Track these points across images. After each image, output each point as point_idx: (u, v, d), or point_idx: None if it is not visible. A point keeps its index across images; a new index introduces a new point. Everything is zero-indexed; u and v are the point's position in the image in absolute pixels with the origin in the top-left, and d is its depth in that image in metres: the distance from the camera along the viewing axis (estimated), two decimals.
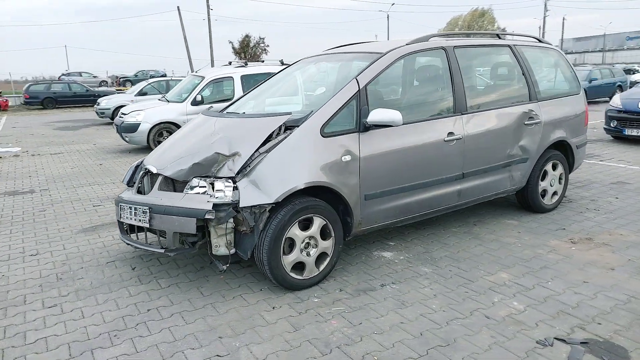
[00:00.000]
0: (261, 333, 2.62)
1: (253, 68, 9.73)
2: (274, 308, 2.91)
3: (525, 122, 4.18)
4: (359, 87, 3.26)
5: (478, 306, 2.87)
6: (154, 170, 3.25)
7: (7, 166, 8.22)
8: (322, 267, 3.19)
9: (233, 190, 2.93)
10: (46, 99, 22.83)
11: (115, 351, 2.49)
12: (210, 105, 8.40)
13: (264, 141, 3.06)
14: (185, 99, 9.10)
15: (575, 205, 4.89)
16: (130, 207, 3.18)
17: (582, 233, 4.05)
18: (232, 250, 3.03)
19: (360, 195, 3.25)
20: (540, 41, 4.75)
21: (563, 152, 4.69)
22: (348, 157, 3.15)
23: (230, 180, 2.96)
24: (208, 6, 31.82)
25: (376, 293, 3.08)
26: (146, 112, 9.05)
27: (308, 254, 3.10)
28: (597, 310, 2.78)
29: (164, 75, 39.73)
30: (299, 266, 3.11)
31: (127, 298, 3.09)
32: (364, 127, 3.23)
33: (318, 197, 3.13)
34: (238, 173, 2.96)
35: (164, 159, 3.34)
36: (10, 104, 23.74)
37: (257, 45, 49.63)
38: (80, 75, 32.96)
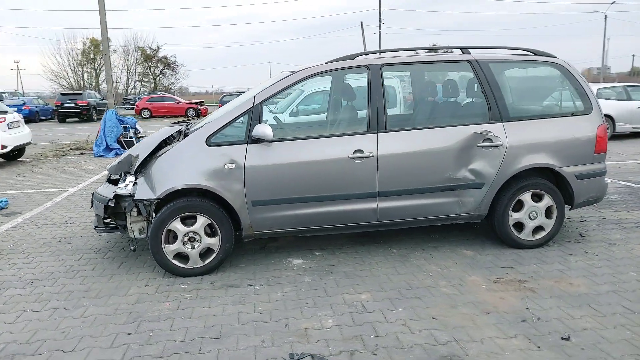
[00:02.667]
0: (105, 299, 3.26)
1: None
2: (147, 285, 3.51)
3: (479, 144, 3.83)
4: (253, 104, 3.62)
5: (291, 315, 2.98)
6: (107, 167, 4.17)
7: None
8: (207, 261, 3.65)
9: (134, 185, 3.64)
10: None
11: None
12: None
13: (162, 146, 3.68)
14: None
15: (579, 245, 4.15)
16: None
17: (523, 275, 3.54)
18: (144, 235, 3.73)
19: (246, 200, 3.59)
20: (536, 54, 4.18)
21: (556, 182, 4.05)
22: (232, 165, 3.54)
23: (134, 177, 3.68)
24: (380, 20, 33.08)
25: (235, 289, 3.40)
26: None
27: (192, 247, 3.60)
28: (396, 344, 2.62)
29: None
30: (185, 256, 3.62)
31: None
32: (252, 140, 3.57)
33: (207, 199, 3.60)
34: (137, 172, 3.65)
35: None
36: (209, 111, 28.98)
37: None
38: None
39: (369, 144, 3.70)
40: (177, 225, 3.56)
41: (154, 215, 3.56)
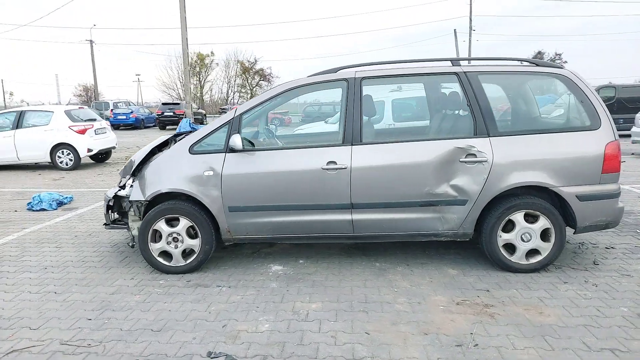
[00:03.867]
0: (91, 287, 3.65)
1: None
2: (132, 278, 3.87)
3: (462, 159, 3.67)
4: (233, 116, 3.85)
5: (235, 316, 3.12)
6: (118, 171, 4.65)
7: None
8: (188, 261, 3.93)
9: (130, 187, 4.05)
10: None
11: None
12: None
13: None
14: None
15: (583, 274, 3.79)
16: None
17: (495, 300, 3.33)
18: None
19: (223, 206, 3.82)
20: (538, 65, 3.90)
21: (556, 203, 3.75)
22: (210, 173, 3.79)
23: (132, 180, 4.09)
24: (470, 27, 31.85)
25: (203, 289, 3.63)
26: None
27: (176, 247, 3.91)
28: (311, 354, 2.65)
29: None
30: (170, 255, 3.94)
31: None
32: (229, 149, 3.79)
33: (190, 203, 3.88)
34: (134, 175, 4.05)
35: None
36: (292, 121, 30.07)
37: (552, 61, 46.22)
38: None
39: (343, 155, 3.73)
40: (162, 225, 3.88)
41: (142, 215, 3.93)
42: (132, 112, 28.63)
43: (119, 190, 4.15)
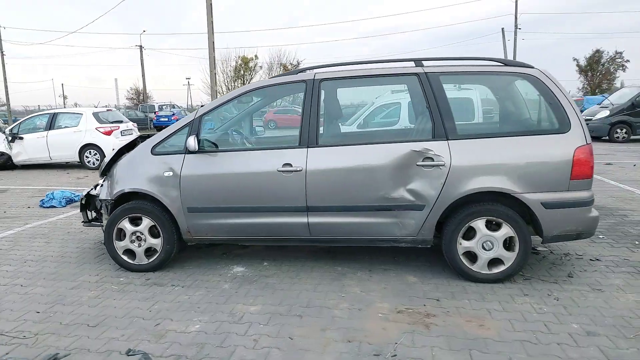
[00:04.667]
0: (55, 282, 3.81)
1: None
2: (97, 275, 4.01)
3: (419, 163, 3.56)
4: (194, 117, 3.91)
5: (172, 316, 3.17)
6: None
7: None
8: (151, 260, 4.02)
9: (101, 186, 4.21)
10: None
11: None
12: None
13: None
14: None
15: (550, 286, 3.57)
16: None
17: (440, 309, 3.20)
18: None
19: (182, 207, 3.88)
20: (506, 64, 3.70)
21: (522, 210, 3.55)
22: (170, 173, 3.87)
23: (102, 179, 4.24)
24: (516, 25, 30.72)
25: (157, 287, 3.70)
26: None
27: (139, 245, 4.02)
28: (225, 356, 2.64)
29: None
30: (134, 253, 4.05)
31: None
32: (188, 150, 3.85)
33: (153, 203, 3.98)
34: (104, 175, 4.19)
35: None
36: None
37: (612, 60, 43.87)
38: None
39: (299, 158, 3.70)
40: (126, 224, 4.00)
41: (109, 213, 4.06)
42: (173, 114, 29.67)
43: (92, 189, 4.31)
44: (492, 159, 3.48)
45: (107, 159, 4.23)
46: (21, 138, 11.31)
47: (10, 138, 11.32)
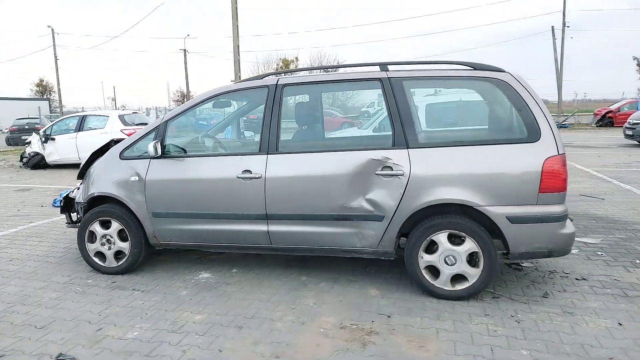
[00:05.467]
0: (28, 281, 3.93)
1: None
2: (69, 276, 4.11)
3: (378, 172, 3.42)
4: (160, 122, 3.94)
5: (116, 321, 3.19)
6: None
7: None
8: (120, 263, 4.09)
9: (77, 189, 4.32)
10: None
11: None
12: None
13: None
14: None
15: (516, 307, 3.34)
16: None
17: (386, 327, 3.05)
18: None
19: (147, 211, 3.92)
20: (475, 68, 3.49)
21: (488, 224, 3.34)
22: (136, 178, 3.91)
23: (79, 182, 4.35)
24: (564, 23, 29.33)
25: (119, 291, 3.75)
26: None
27: (109, 248, 4.09)
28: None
29: None
30: (105, 255, 4.13)
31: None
32: (151, 156, 3.88)
33: (121, 207, 4.03)
34: (81, 177, 4.30)
35: None
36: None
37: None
38: None
39: (258, 165, 3.64)
40: (96, 227, 4.08)
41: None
42: (212, 117, 30.40)
43: (72, 191, 4.44)
44: (454, 169, 3.29)
45: (83, 162, 4.34)
46: (53, 139, 11.89)
47: (43, 139, 11.92)
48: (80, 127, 11.81)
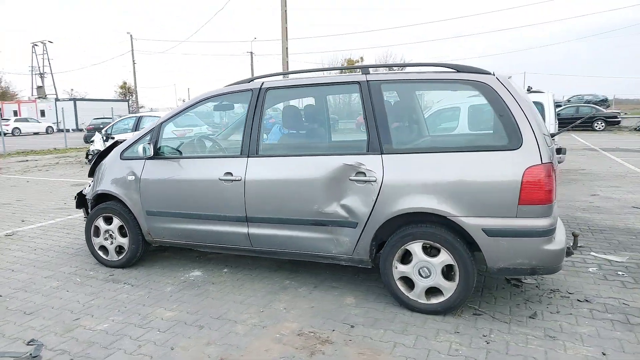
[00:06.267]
0: (31, 270, 4.27)
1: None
2: (76, 267, 4.41)
3: (352, 178, 3.35)
4: (155, 125, 4.11)
5: (94, 312, 3.37)
6: None
7: None
8: (120, 257, 4.32)
9: (89, 186, 4.62)
10: None
11: None
12: None
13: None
14: None
15: (493, 326, 3.14)
16: None
17: (345, 336, 2.97)
18: None
19: (142, 209, 4.11)
20: (459, 71, 3.29)
21: (465, 236, 3.16)
22: (132, 177, 4.12)
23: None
24: None
25: (111, 284, 3.96)
26: None
27: (111, 243, 4.34)
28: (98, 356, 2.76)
29: (604, 101, 35.82)
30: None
31: None
32: (147, 157, 4.06)
33: (122, 204, 4.26)
34: (90, 175, 4.59)
35: None
36: None
37: None
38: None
39: (239, 167, 3.69)
40: (100, 223, 4.34)
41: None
42: (271, 117, 31.11)
43: (85, 188, 4.75)
44: (427, 177, 3.13)
45: (93, 161, 4.63)
46: (113, 138, 12.75)
47: (105, 138, 12.84)
48: (136, 127, 12.58)
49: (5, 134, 22.36)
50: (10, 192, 8.89)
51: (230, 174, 3.70)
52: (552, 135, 3.88)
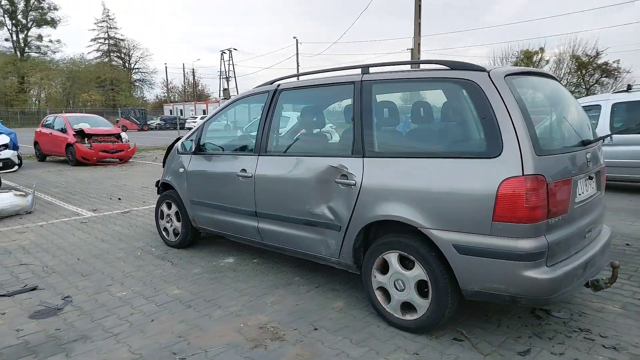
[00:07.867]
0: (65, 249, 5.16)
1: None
2: (144, 243, 5.20)
3: (336, 180, 3.33)
4: (201, 124, 4.61)
5: (123, 281, 3.98)
6: None
7: None
8: (176, 239, 4.95)
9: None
10: None
11: None
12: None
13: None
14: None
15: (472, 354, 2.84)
16: None
17: (299, 337, 3.00)
18: None
19: (188, 198, 4.66)
20: (452, 68, 2.95)
21: (438, 251, 2.91)
22: (182, 169, 4.70)
23: None
24: None
25: (158, 260, 4.57)
26: None
27: (170, 226, 5.01)
28: (91, 328, 3.31)
29: None
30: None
31: None
32: (193, 152, 4.58)
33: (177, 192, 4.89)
34: (163, 165, 5.34)
35: None
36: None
37: None
38: None
39: (251, 164, 3.94)
40: (164, 208, 5.04)
41: None
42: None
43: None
44: (400, 183, 2.94)
45: (164, 153, 5.37)
46: None
47: None
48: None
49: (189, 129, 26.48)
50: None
51: (245, 170, 3.97)
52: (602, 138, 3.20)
